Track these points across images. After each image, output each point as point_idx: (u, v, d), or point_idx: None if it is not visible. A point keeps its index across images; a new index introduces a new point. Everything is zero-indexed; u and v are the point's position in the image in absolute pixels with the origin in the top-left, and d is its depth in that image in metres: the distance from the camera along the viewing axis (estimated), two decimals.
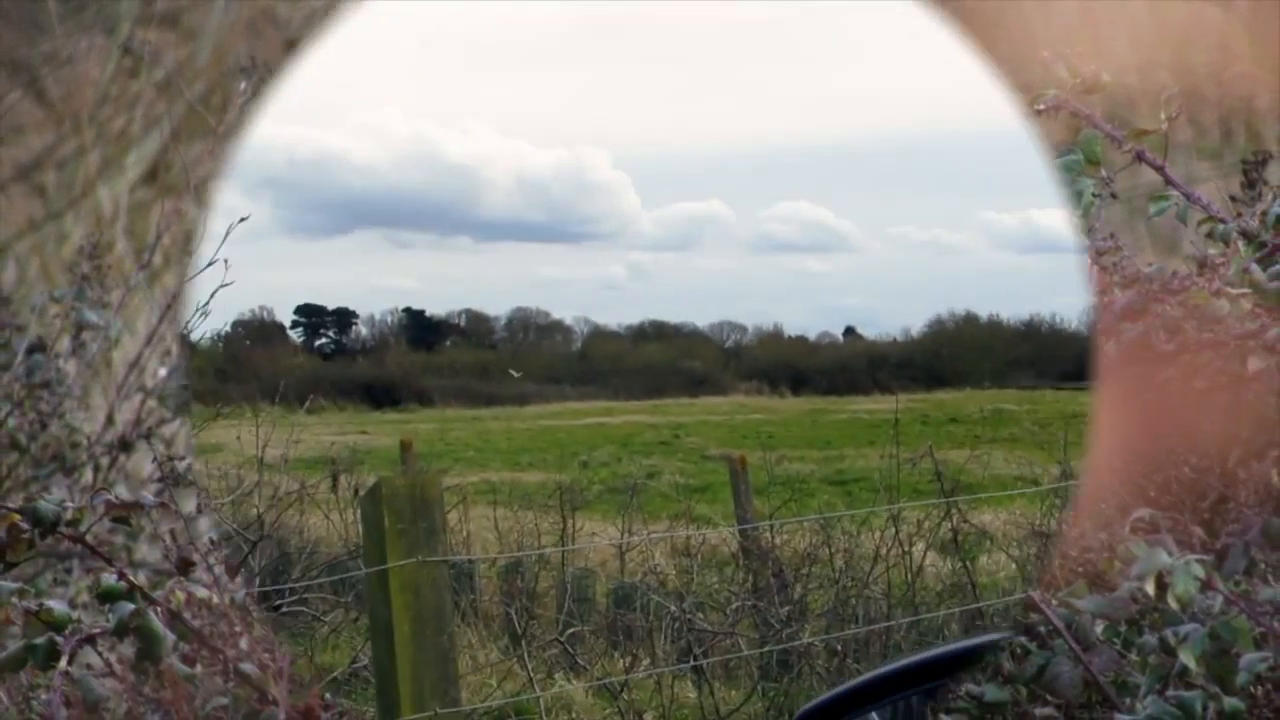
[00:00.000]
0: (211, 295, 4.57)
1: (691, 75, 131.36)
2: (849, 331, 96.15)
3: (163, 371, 4.26)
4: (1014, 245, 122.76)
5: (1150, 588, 1.84)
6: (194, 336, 5.03)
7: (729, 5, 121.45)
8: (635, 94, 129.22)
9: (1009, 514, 11.17)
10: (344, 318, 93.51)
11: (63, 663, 2.00)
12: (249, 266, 4.42)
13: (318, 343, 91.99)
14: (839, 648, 7.78)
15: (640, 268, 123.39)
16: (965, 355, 77.30)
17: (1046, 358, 77.53)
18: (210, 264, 4.40)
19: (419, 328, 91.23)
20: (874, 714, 2.67)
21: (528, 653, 7.54)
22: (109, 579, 2.05)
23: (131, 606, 2.00)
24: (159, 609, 2.04)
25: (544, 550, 10.05)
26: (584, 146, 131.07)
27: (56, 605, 2.04)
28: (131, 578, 2.05)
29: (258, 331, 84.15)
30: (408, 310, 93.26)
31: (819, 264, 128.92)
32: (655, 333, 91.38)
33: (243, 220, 4.57)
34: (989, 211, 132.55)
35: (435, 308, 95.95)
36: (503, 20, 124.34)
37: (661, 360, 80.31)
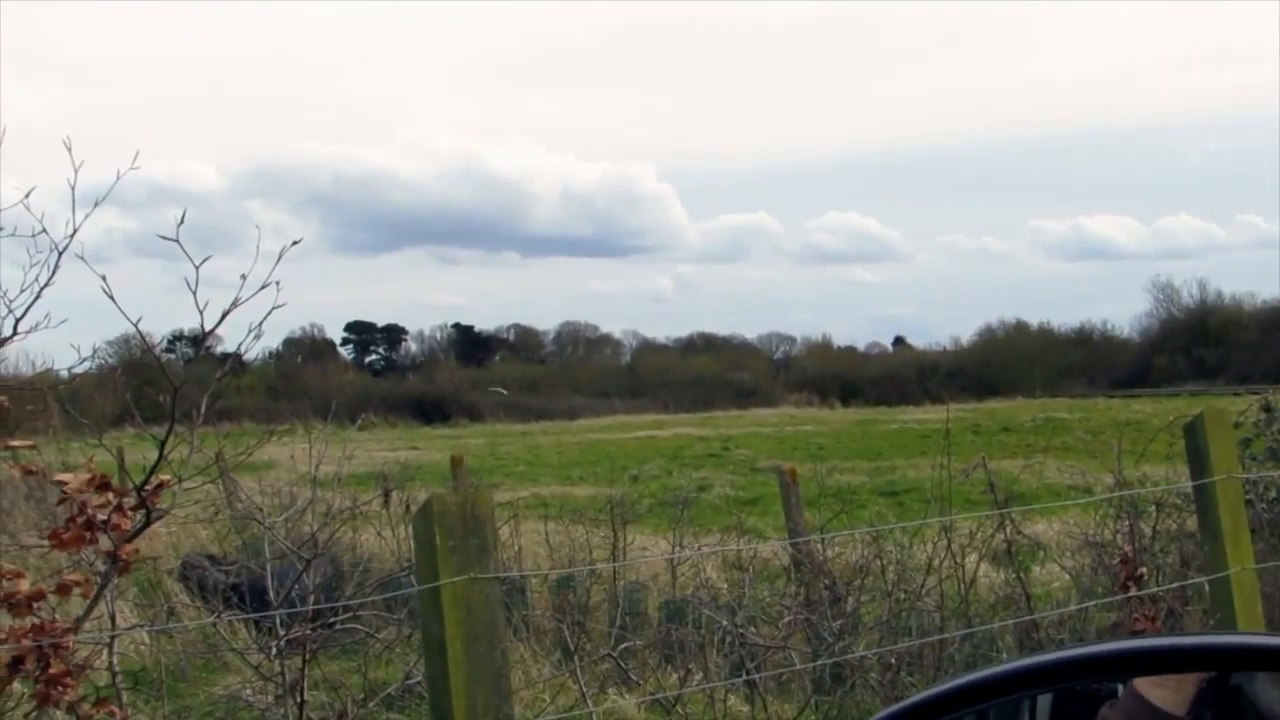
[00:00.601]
0: (265, 317, 4.61)
1: (737, 86, 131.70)
2: (898, 341, 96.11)
3: None
4: (1063, 253, 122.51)
5: None
6: (248, 357, 5.09)
7: (775, 14, 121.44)
8: (681, 106, 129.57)
9: (1062, 524, 11.10)
10: (394, 334, 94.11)
11: None
12: (298, 285, 4.47)
13: (368, 359, 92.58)
14: (893, 660, 7.74)
15: (687, 280, 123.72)
16: (1016, 364, 76.99)
17: (1098, 365, 77.29)
18: (264, 286, 4.44)
19: (468, 343, 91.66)
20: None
21: (580, 668, 7.54)
22: None
23: None
24: None
25: (595, 565, 10.06)
26: (630, 160, 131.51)
27: None
28: None
29: (308, 349, 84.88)
30: (457, 326, 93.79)
31: (867, 274, 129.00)
32: (704, 345, 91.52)
33: (295, 243, 4.61)
34: (1038, 219, 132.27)
35: (484, 323, 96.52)
36: (546, 35, 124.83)
37: (710, 372, 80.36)
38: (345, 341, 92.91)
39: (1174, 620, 7.65)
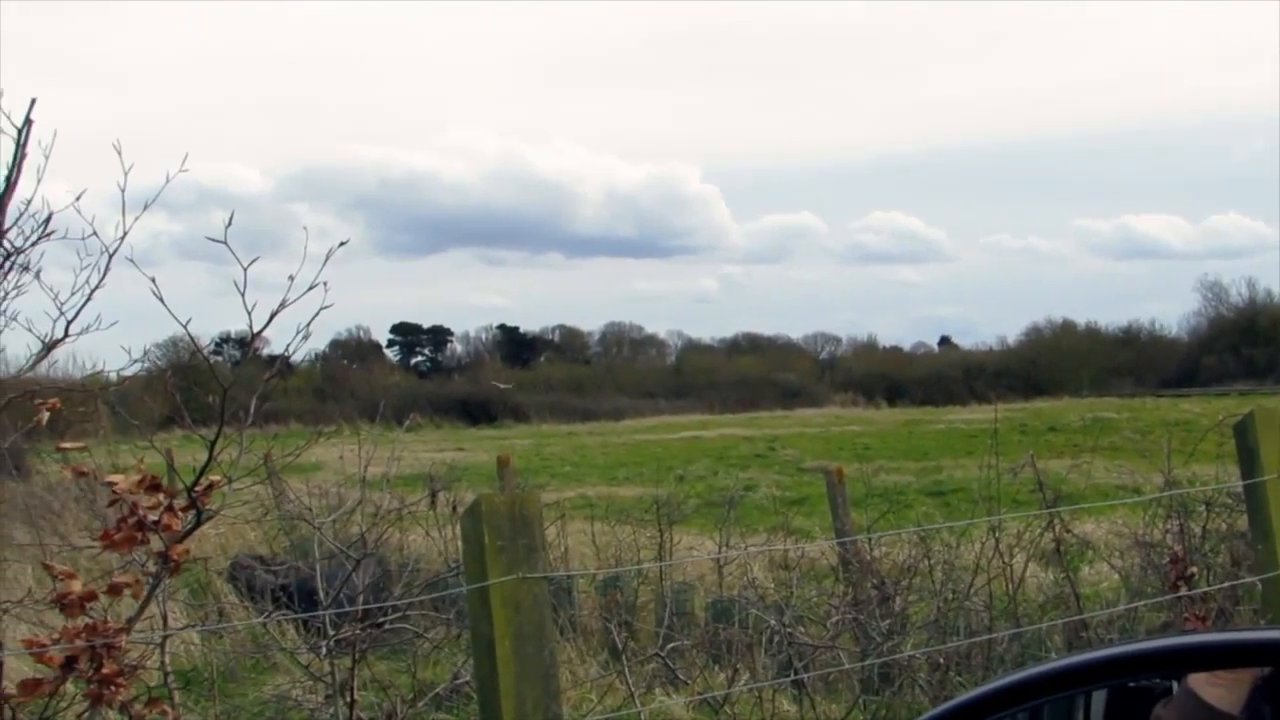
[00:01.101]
0: (313, 318, 4.63)
1: (782, 86, 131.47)
2: (944, 341, 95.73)
3: None
4: (1110, 252, 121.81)
5: None
6: (295, 358, 5.11)
7: (820, 14, 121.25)
8: (726, 106, 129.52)
9: (1111, 523, 11.04)
10: (439, 335, 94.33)
11: None
12: (344, 287, 4.48)
13: (413, 361, 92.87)
14: (941, 660, 7.71)
15: (732, 280, 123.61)
16: (1063, 363, 76.55)
17: (1146, 365, 76.75)
18: (311, 288, 4.45)
19: (513, 344, 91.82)
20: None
21: (628, 668, 7.54)
22: None
23: None
24: None
25: (642, 565, 10.06)
26: (674, 160, 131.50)
27: None
28: None
29: (354, 351, 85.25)
30: (502, 327, 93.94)
31: (912, 274, 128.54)
32: (749, 345, 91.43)
33: (342, 244, 4.62)
34: (1084, 218, 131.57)
35: (529, 324, 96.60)
36: (590, 36, 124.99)
37: (756, 373, 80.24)
38: (391, 343, 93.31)
39: (1225, 620, 7.60)
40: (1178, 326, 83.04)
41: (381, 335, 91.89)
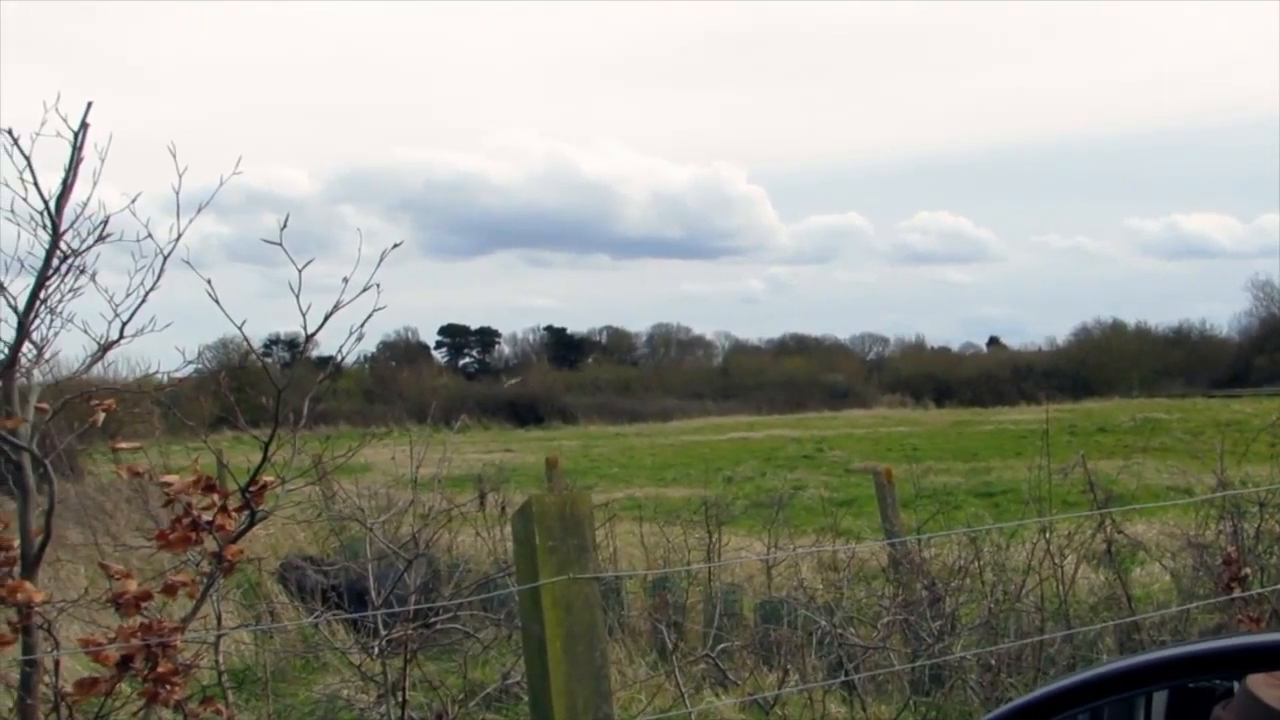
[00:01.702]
0: (366, 319, 4.65)
1: (827, 86, 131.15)
2: (992, 341, 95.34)
3: None
4: (1159, 251, 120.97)
5: None
6: (347, 361, 5.13)
7: (866, 14, 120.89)
8: (771, 107, 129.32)
9: (1162, 524, 10.96)
10: (487, 337, 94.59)
11: None
12: (392, 288, 4.50)
13: (461, 362, 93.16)
14: (992, 662, 7.67)
15: (779, 281, 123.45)
16: (1112, 364, 76.12)
17: (1197, 365, 76.19)
18: (365, 289, 4.48)
19: (561, 345, 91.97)
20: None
21: (678, 668, 7.55)
22: None
23: None
24: None
25: (691, 566, 10.06)
26: (719, 161, 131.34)
27: None
28: None
29: (402, 352, 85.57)
30: (549, 328, 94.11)
31: (960, 274, 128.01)
32: (796, 346, 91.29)
33: (396, 246, 4.64)
34: (1133, 218, 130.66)
35: (576, 325, 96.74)
36: (634, 38, 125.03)
37: (803, 374, 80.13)
38: (439, 345, 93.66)
39: (1279, 621, 7.54)
40: (1228, 326, 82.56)
41: (429, 337, 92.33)
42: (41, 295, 4.73)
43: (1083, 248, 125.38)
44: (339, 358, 5.04)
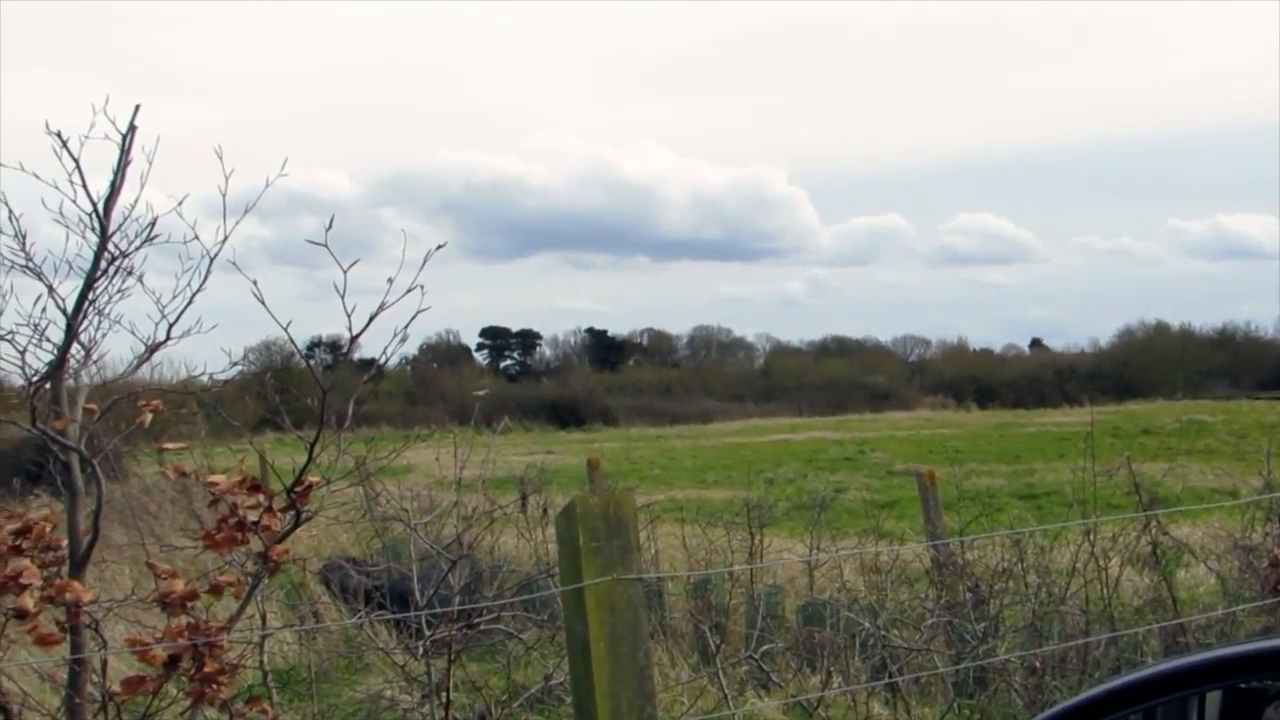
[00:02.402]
0: (410, 320, 4.66)
1: (867, 88, 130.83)
2: (1035, 343, 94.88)
3: None
4: (1203, 252, 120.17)
5: None
6: (390, 363, 5.15)
7: (906, 15, 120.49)
8: (810, 108, 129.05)
9: (1207, 527, 10.89)
10: (528, 339, 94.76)
11: None
12: (434, 290, 4.50)
13: (502, 364, 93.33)
14: (1037, 664, 7.64)
15: (820, 283, 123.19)
16: (1156, 365, 75.64)
17: (1242, 366, 75.64)
18: (409, 291, 4.49)
19: (601, 347, 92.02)
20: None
21: (721, 670, 7.54)
22: None
23: None
24: None
25: (733, 568, 10.05)
26: (759, 163, 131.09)
27: None
28: None
29: (444, 354, 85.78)
30: (590, 330, 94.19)
31: (1001, 275, 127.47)
32: (837, 348, 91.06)
33: (440, 248, 4.65)
34: (1176, 218, 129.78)
35: (616, 327, 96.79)
36: (673, 40, 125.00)
37: (844, 376, 79.91)
38: (480, 347, 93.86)
39: None
40: (1274, 327, 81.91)
41: (470, 339, 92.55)
42: (90, 297, 4.77)
43: (1126, 249, 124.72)
44: (383, 359, 5.05)
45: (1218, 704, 2.60)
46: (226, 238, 4.77)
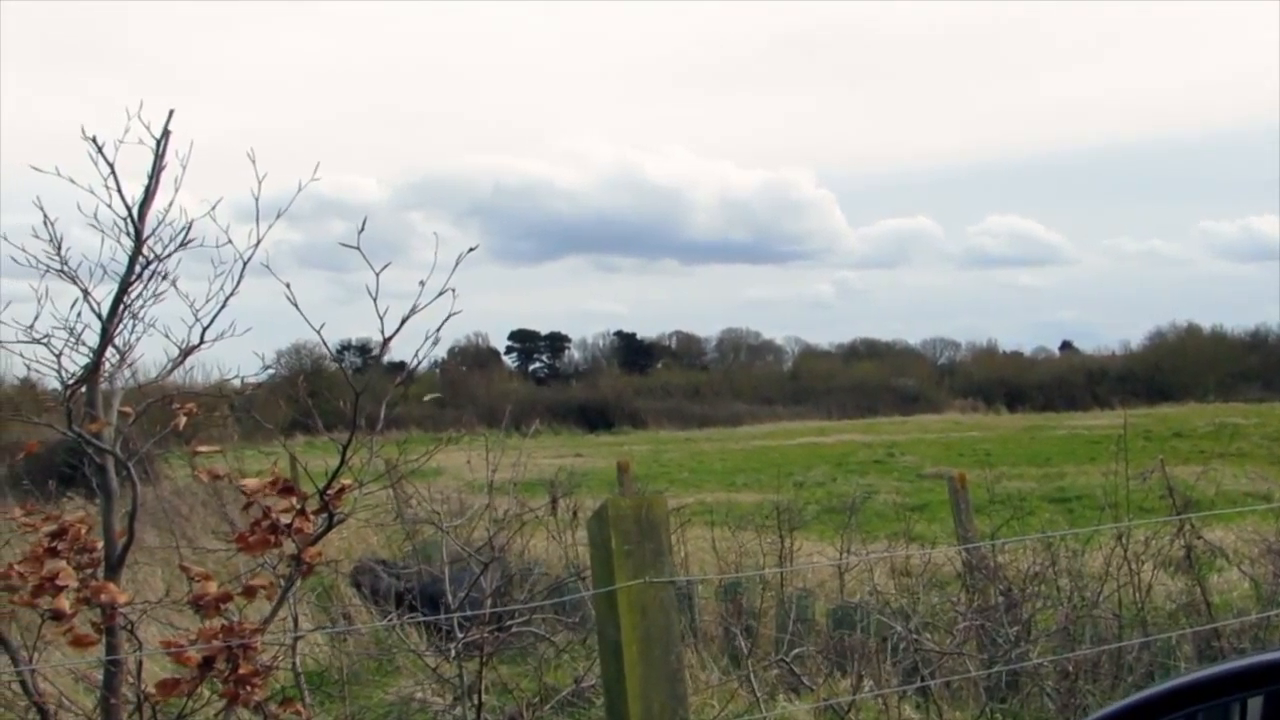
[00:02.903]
0: (442, 323, 4.67)
1: (895, 89, 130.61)
2: (1065, 346, 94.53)
3: None
4: (1234, 254, 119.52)
5: None
6: (421, 366, 5.15)
7: (934, 17, 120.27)
8: (838, 110, 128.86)
9: (1240, 530, 10.84)
10: (557, 342, 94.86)
11: None
12: (462, 293, 4.51)
13: (531, 367, 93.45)
14: (1070, 668, 7.61)
15: (848, 285, 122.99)
16: (1188, 368, 75.25)
17: (1274, 369, 75.16)
18: (440, 294, 4.49)
19: (630, 350, 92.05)
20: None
21: (752, 673, 7.54)
22: None
23: None
24: None
25: (764, 571, 10.04)
26: (787, 166, 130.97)
27: None
28: None
29: (473, 357, 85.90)
30: (619, 333, 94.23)
31: (1031, 278, 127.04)
32: (866, 351, 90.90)
33: (471, 250, 4.65)
34: (1207, 220, 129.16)
35: (645, 330, 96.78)
36: (701, 42, 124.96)
37: (874, 378, 79.77)
38: (509, 350, 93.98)
39: None
40: None
41: (500, 342, 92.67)
42: (124, 301, 4.79)
43: (1157, 251, 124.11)
44: (414, 362, 5.05)
45: (1259, 710, 2.58)
46: (259, 241, 4.78)
